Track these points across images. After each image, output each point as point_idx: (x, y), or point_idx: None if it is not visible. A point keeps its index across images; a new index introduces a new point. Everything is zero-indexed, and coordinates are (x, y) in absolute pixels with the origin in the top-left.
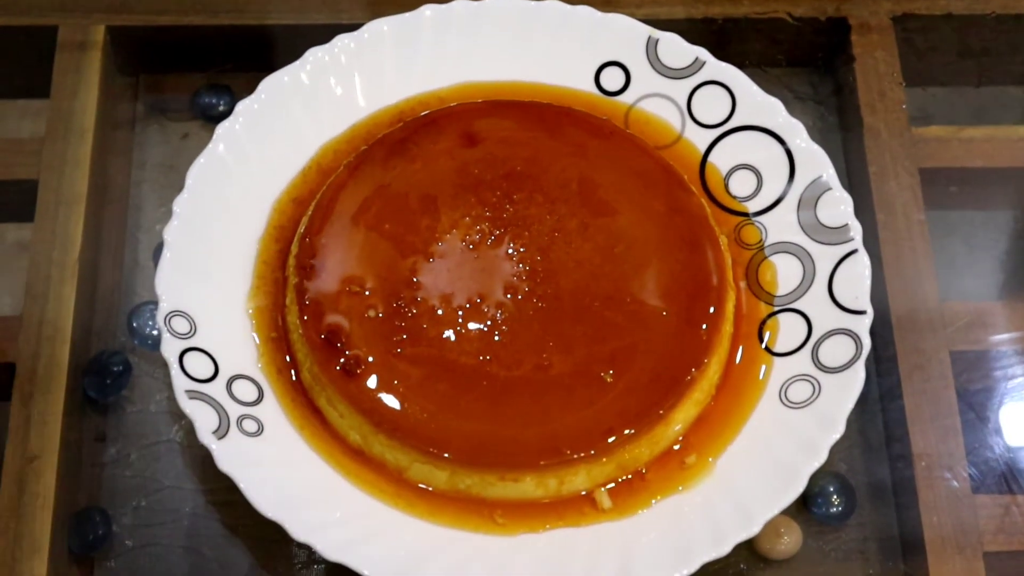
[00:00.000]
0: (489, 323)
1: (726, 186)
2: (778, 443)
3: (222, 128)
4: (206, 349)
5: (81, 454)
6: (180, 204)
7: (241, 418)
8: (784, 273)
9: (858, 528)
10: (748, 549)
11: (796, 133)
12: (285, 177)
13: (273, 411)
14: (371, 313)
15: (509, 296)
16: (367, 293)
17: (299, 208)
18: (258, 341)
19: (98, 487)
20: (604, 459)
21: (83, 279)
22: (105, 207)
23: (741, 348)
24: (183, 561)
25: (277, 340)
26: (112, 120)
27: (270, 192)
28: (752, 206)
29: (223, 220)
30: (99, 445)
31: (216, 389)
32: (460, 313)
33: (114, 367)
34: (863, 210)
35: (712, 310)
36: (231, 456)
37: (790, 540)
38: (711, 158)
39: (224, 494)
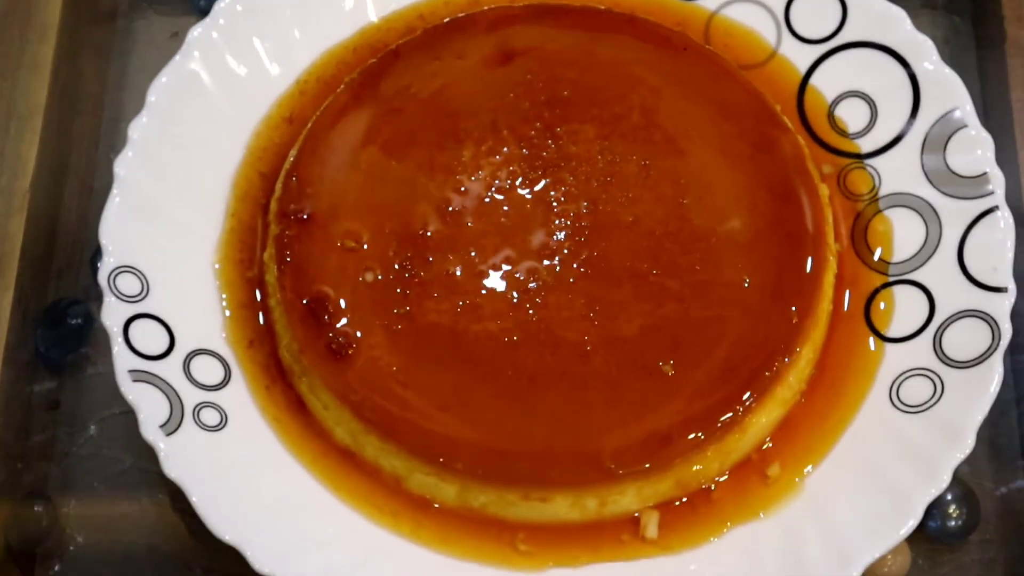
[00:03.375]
0: (517, 294)
1: (831, 118)
2: (886, 459)
3: (195, 33)
4: (160, 316)
5: (28, 426)
6: (137, 129)
7: (199, 407)
8: (902, 234)
9: (981, 547)
10: None
11: (923, 53)
12: (272, 94)
13: (241, 397)
14: (368, 276)
15: (545, 260)
16: (365, 248)
17: (289, 131)
18: (226, 305)
19: (46, 467)
20: (659, 475)
21: (36, 212)
22: (71, 122)
23: (842, 331)
24: (142, 561)
25: (251, 305)
26: (85, 13)
27: (252, 114)
28: (864, 145)
29: (191, 150)
30: (50, 414)
31: (170, 368)
32: (481, 280)
33: (72, 319)
34: (1006, 156)
35: (806, 283)
36: (182, 457)
37: (895, 562)
38: (813, 82)
39: None
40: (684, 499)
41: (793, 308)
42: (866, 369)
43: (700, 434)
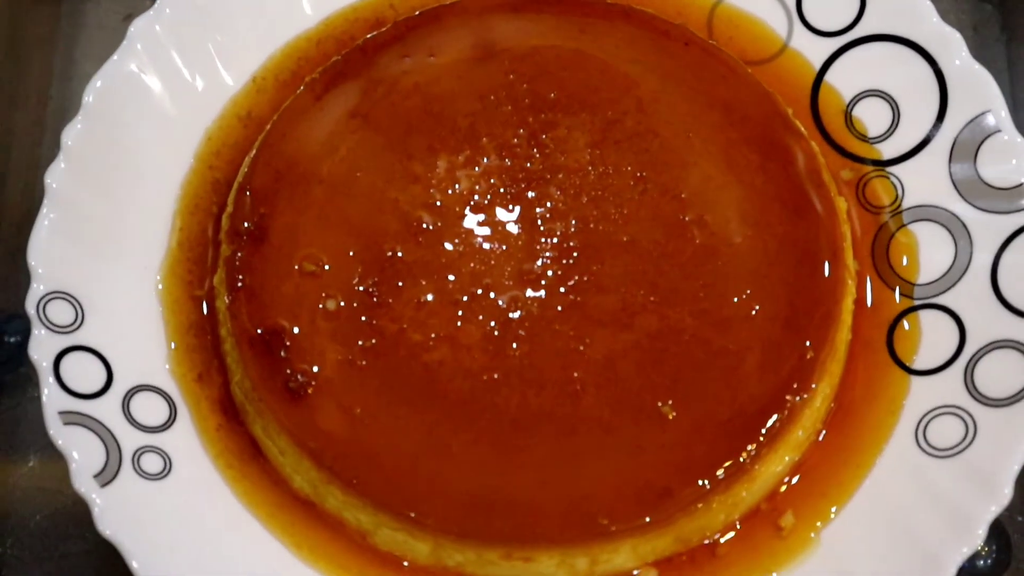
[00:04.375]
0: (498, 326)
1: (848, 120)
2: (912, 510)
3: (137, 27)
4: (96, 348)
5: None
6: (71, 135)
7: (140, 452)
8: (928, 252)
9: None
10: None
11: (951, 48)
12: (225, 93)
13: (187, 440)
14: (330, 304)
15: (530, 287)
16: (327, 271)
17: (244, 133)
18: (172, 334)
19: None
20: (658, 531)
21: None
22: (11, 117)
23: (862, 362)
24: None
25: (200, 333)
26: None
27: (203, 117)
28: (885, 150)
29: (133, 158)
30: None
31: (106, 408)
32: (458, 310)
33: (10, 337)
34: None
35: (823, 310)
36: (120, 511)
37: None
38: (828, 79)
39: None
40: (685, 556)
41: (808, 342)
42: (889, 406)
43: (704, 484)
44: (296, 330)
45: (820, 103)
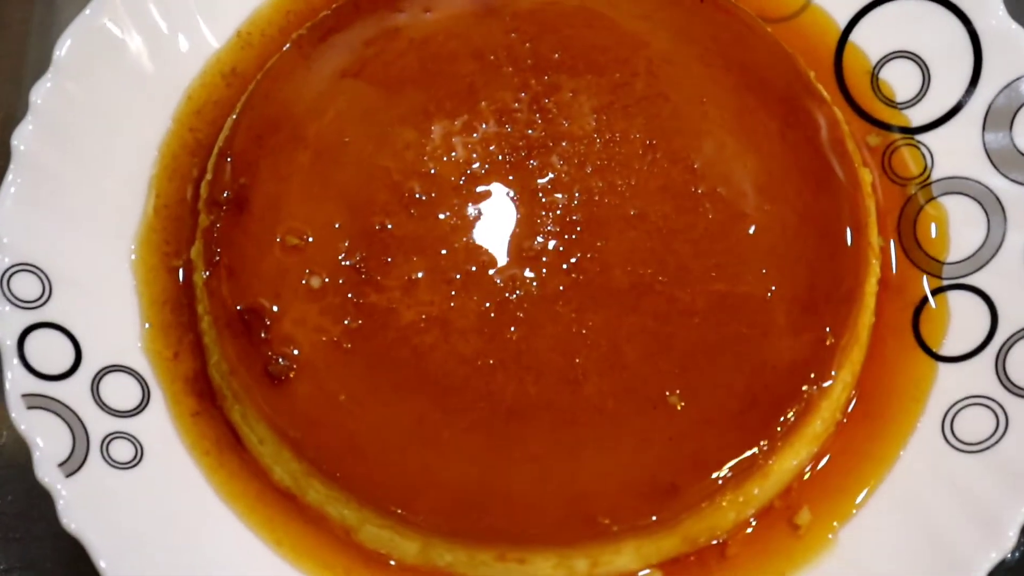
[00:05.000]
0: (494, 308)
1: (874, 84)
2: (938, 510)
3: None
4: (64, 324)
5: None
6: (40, 93)
7: (109, 438)
8: (958, 228)
9: None
10: None
11: (986, 6)
12: (207, 50)
13: (161, 425)
14: (314, 281)
15: (529, 264)
16: (311, 245)
17: (228, 93)
18: (146, 309)
19: None
20: (663, 531)
21: None
22: None
23: (886, 347)
24: None
25: (177, 309)
26: None
27: (182, 75)
28: (914, 117)
29: (106, 119)
30: None
31: (74, 390)
32: (451, 288)
33: None
34: None
35: (844, 292)
36: (86, 503)
37: None
38: (854, 38)
39: None
40: (693, 557)
41: (828, 327)
42: (914, 395)
43: (714, 480)
44: (277, 309)
45: (844, 65)
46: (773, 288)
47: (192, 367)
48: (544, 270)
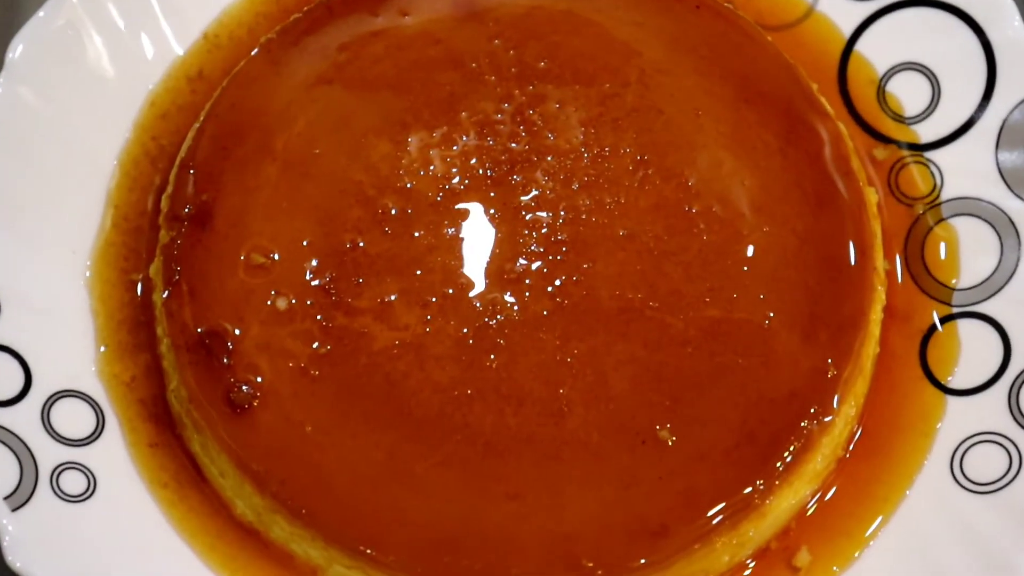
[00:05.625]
0: (472, 334)
1: (881, 97)
2: (945, 555)
3: None
4: (12, 346)
5: None
6: None
7: (60, 469)
8: (970, 251)
9: None
10: None
11: (1001, 15)
12: (171, 54)
13: (116, 455)
14: (280, 303)
15: (510, 288)
16: (276, 260)
17: (192, 99)
18: (101, 330)
19: None
20: (653, 574)
21: None
22: None
23: (891, 379)
24: None
25: (133, 330)
26: None
27: (144, 80)
28: (923, 133)
29: (63, 128)
30: None
31: (23, 417)
32: (427, 312)
33: None
34: None
35: (846, 320)
36: (34, 539)
37: None
38: (860, 48)
39: None
40: None
41: (829, 358)
42: (922, 430)
43: (707, 521)
44: (240, 332)
45: (849, 76)
46: (771, 315)
47: (150, 392)
48: (527, 293)
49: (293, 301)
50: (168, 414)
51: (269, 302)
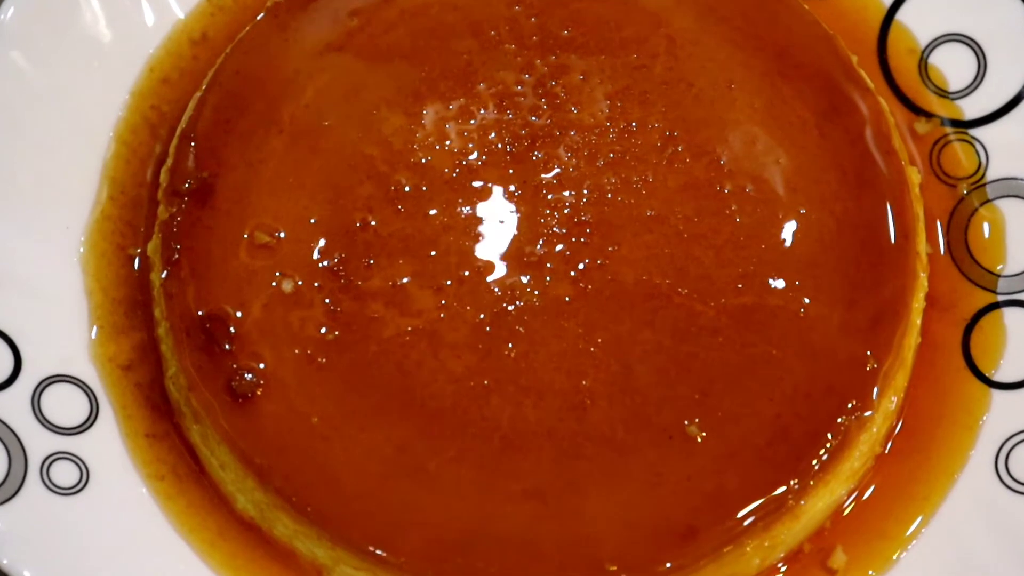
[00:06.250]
0: (490, 320)
1: (923, 70)
2: (988, 559)
3: None
4: (2, 328)
5: None
6: None
7: (51, 459)
8: (1016, 235)
9: None
10: None
11: None
12: (171, 17)
13: (109, 445)
14: (285, 285)
15: (530, 271)
16: (282, 238)
17: (194, 64)
18: (96, 311)
19: None
20: None
21: None
22: None
23: (932, 371)
24: None
25: (129, 309)
26: None
27: (144, 44)
28: (967, 108)
29: (57, 95)
30: None
31: (11, 404)
32: (441, 297)
33: None
34: None
35: (887, 309)
36: (23, 534)
37: None
38: (901, 18)
39: None
40: None
41: (869, 350)
42: (965, 424)
43: (738, 523)
44: (242, 316)
45: (890, 47)
46: (807, 302)
47: (147, 377)
48: (548, 278)
49: (299, 283)
50: (166, 401)
51: (274, 284)
